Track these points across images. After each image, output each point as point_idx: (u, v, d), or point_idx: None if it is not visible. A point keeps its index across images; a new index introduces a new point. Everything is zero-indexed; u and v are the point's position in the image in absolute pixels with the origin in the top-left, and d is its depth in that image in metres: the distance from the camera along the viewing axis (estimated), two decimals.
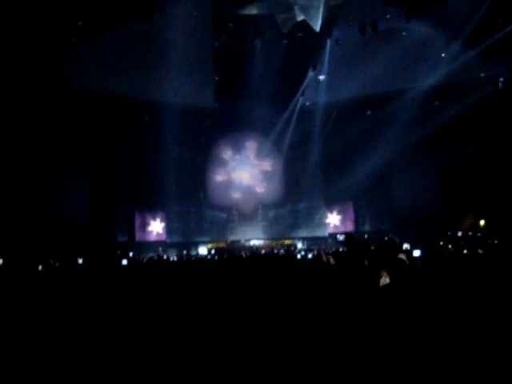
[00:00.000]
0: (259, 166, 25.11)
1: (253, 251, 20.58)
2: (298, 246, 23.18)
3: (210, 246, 23.49)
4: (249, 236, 24.13)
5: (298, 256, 15.25)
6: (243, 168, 25.09)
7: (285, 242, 23.64)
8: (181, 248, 22.99)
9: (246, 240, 23.90)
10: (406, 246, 10.46)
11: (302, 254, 17.07)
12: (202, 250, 23.01)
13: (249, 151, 25.09)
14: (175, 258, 18.31)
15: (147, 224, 23.61)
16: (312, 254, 15.38)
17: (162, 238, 23.78)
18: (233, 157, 25.07)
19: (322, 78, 20.60)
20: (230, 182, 24.97)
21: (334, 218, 24.55)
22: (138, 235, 23.15)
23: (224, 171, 25.03)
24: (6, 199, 16.78)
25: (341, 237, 21.57)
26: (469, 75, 18.24)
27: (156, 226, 23.79)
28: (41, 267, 10.32)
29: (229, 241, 24.10)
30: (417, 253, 7.62)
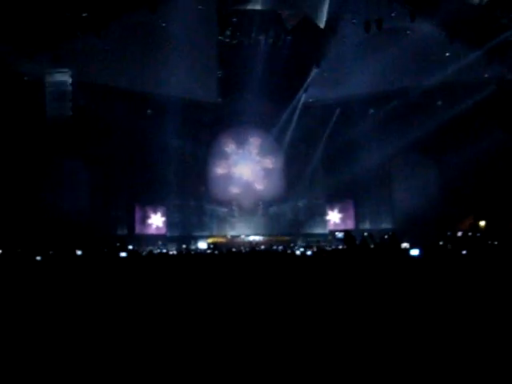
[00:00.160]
0: (261, 163, 25.06)
1: (252, 247, 20.59)
2: (297, 243, 23.17)
3: (209, 240, 23.48)
4: (249, 231, 24.13)
5: (298, 252, 15.23)
6: (245, 163, 25.03)
7: (284, 238, 23.62)
8: (180, 242, 22.99)
9: (246, 235, 23.90)
10: (405, 245, 10.50)
11: (302, 250, 17.06)
12: (202, 245, 23.00)
13: (252, 147, 25.02)
14: (175, 252, 18.32)
15: (147, 217, 23.58)
16: (311, 250, 15.36)
17: (161, 231, 23.78)
18: (235, 151, 25.01)
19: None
20: (230, 175, 24.91)
21: (334, 216, 24.55)
22: (137, 228, 23.11)
23: (225, 164, 24.95)
24: (5, 191, 16.77)
25: (339, 234, 21.64)
26: (473, 75, 18.20)
27: (156, 219, 23.78)
28: (39, 258, 10.31)
29: (229, 236, 24.10)
30: (415, 252, 7.63)
